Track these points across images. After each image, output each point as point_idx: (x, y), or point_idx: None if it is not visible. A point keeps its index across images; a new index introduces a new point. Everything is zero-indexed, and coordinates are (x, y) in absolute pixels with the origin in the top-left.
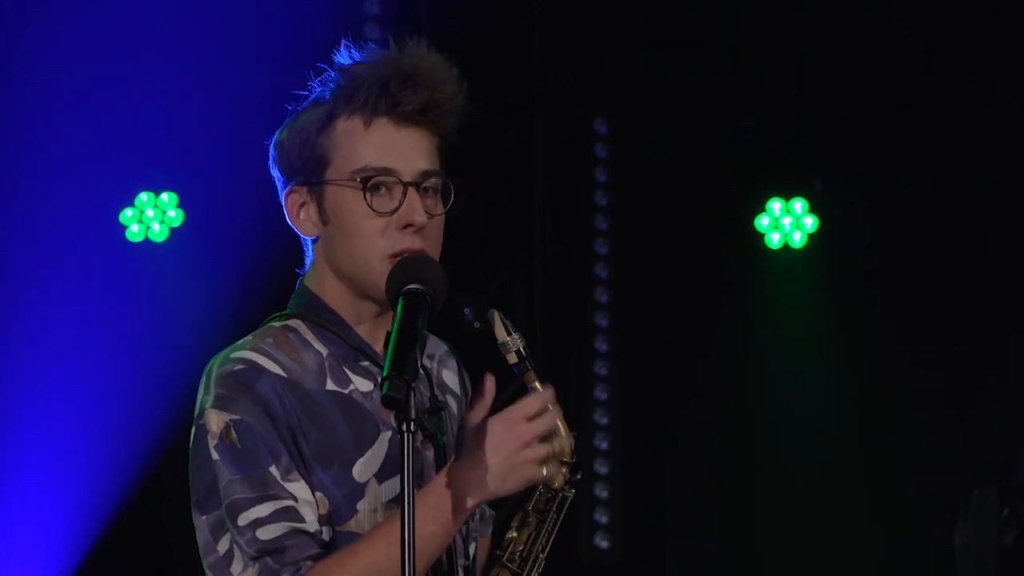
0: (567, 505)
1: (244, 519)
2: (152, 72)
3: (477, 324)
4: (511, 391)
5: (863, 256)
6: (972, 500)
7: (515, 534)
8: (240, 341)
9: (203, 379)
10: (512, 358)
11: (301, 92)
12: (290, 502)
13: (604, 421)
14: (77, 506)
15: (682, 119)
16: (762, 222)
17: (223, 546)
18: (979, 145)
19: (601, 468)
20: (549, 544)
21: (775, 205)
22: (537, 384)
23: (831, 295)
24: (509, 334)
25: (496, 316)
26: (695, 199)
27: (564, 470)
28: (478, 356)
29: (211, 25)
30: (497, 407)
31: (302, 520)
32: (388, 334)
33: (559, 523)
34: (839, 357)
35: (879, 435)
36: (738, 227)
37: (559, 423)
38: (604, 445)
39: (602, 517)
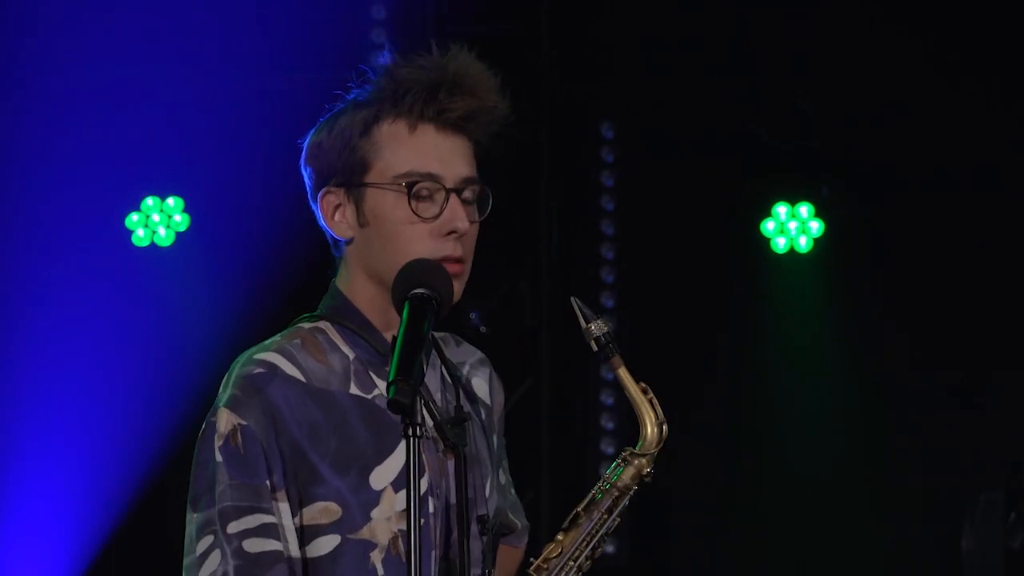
0: (625, 502)
1: (234, 527)
2: (158, 76)
3: (483, 329)
4: (523, 390)
5: (869, 260)
6: (979, 504)
7: (561, 536)
8: (268, 340)
9: (227, 375)
10: (592, 345)
11: (337, 92)
12: (275, 519)
13: (610, 426)
14: (83, 510)
15: (688, 123)
16: (768, 226)
17: (202, 547)
18: (985, 150)
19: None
20: (587, 550)
21: (781, 209)
22: (622, 371)
23: (837, 299)
24: (588, 321)
25: (574, 304)
26: (701, 203)
27: (643, 460)
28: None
29: (218, 30)
30: (505, 411)
31: (283, 541)
32: (394, 338)
33: (610, 525)
34: (845, 362)
35: (886, 439)
36: (744, 231)
37: (645, 411)
38: (610, 449)
39: None
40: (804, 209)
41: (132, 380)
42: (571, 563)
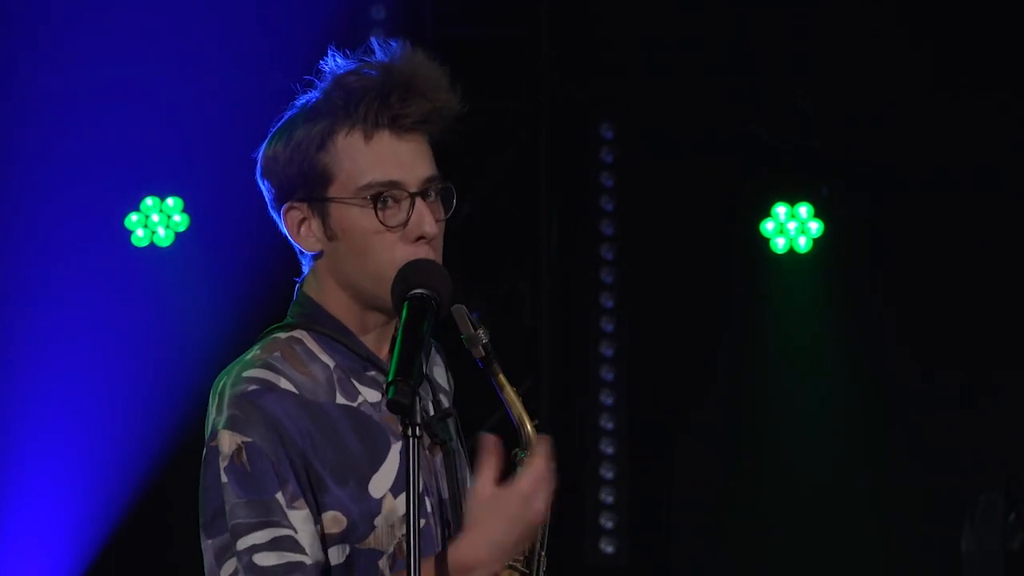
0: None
1: (243, 543)
2: (158, 77)
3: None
4: (523, 390)
5: (869, 260)
6: (979, 504)
7: None
8: (249, 356)
9: (214, 398)
10: (479, 352)
11: (290, 102)
12: (289, 531)
13: (610, 426)
14: (83, 510)
15: (688, 124)
16: (767, 227)
17: (226, 571)
18: (985, 150)
19: (607, 473)
20: (546, 539)
21: (780, 210)
22: (502, 377)
23: (836, 300)
24: (474, 329)
25: (460, 311)
26: (701, 203)
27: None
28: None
29: (217, 30)
30: (497, 416)
31: (302, 552)
32: (394, 339)
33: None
34: (845, 363)
35: (886, 439)
36: (744, 231)
37: (523, 413)
38: (610, 450)
39: (608, 522)
40: (804, 209)
41: (132, 380)
42: (541, 554)
